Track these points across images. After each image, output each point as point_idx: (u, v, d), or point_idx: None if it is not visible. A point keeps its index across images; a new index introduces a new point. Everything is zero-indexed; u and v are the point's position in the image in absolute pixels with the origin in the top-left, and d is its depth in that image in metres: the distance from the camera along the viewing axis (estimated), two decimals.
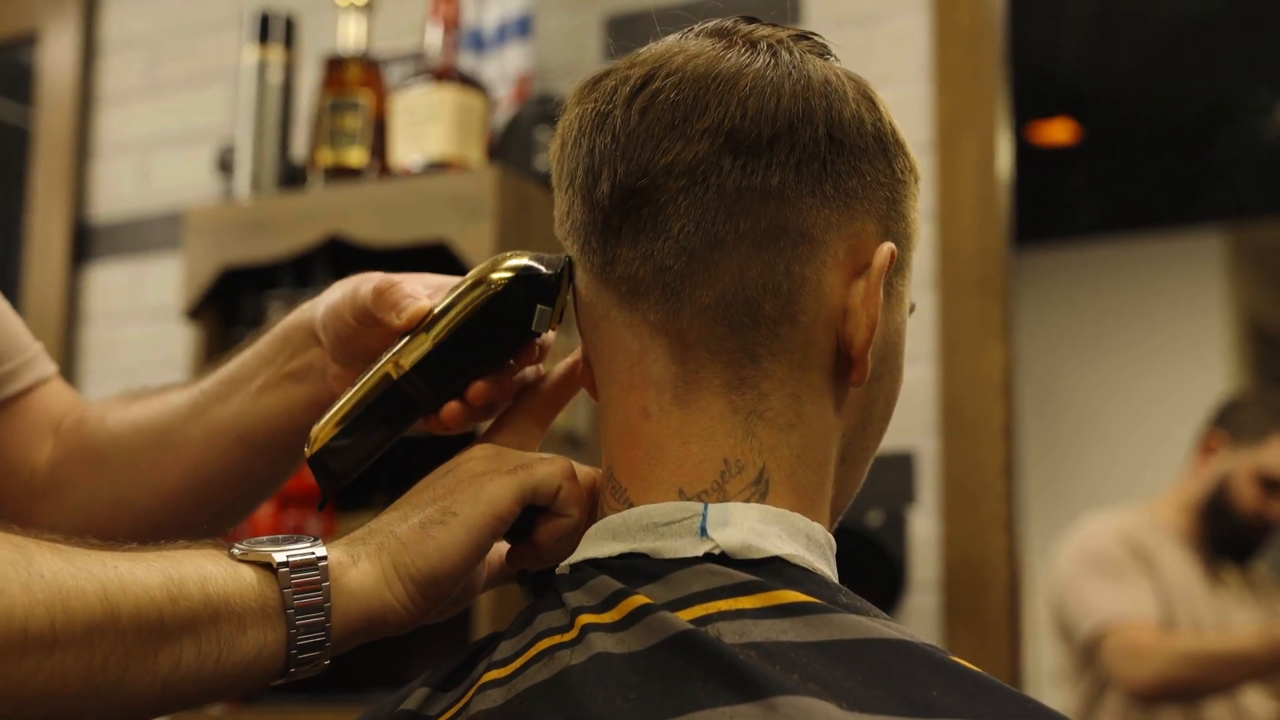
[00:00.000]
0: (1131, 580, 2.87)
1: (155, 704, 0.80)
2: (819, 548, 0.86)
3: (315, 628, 0.83)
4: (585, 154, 0.88)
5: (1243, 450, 3.00)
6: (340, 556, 0.86)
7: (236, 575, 0.82)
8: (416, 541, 0.87)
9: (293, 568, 0.83)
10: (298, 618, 0.83)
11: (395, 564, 0.87)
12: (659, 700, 0.75)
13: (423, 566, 0.87)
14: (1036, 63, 4.44)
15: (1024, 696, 0.76)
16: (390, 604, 0.86)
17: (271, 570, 0.83)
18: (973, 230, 2.41)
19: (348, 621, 0.85)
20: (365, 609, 0.85)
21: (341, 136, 2.48)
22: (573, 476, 0.91)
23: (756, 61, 0.87)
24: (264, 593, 0.82)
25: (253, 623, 0.82)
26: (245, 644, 0.81)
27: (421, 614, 0.88)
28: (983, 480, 2.34)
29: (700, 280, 0.85)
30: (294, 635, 0.83)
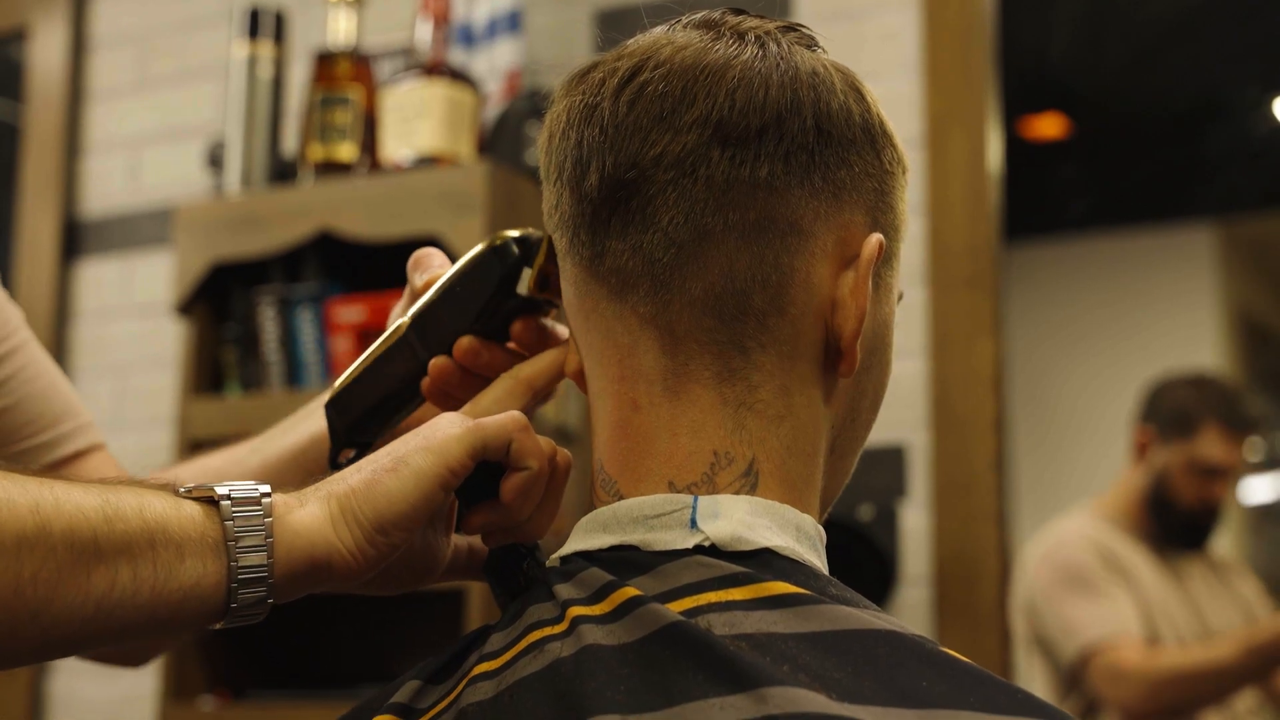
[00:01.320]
0: (1110, 594, 2.84)
1: (90, 627, 0.79)
2: (809, 539, 0.86)
3: (257, 563, 0.82)
4: (573, 146, 0.88)
5: (1174, 444, 2.98)
6: (286, 499, 0.86)
7: (178, 506, 0.82)
8: (365, 488, 0.87)
9: (235, 502, 0.83)
10: (239, 550, 0.82)
11: (343, 509, 0.86)
12: (650, 692, 0.75)
13: (370, 512, 0.86)
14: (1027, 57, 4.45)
15: (1013, 686, 0.76)
16: (336, 547, 0.85)
17: (214, 504, 0.83)
18: (963, 225, 2.41)
19: (291, 560, 0.84)
20: (309, 549, 0.85)
21: (332, 132, 2.48)
22: (525, 428, 0.91)
23: (744, 53, 0.87)
24: (205, 524, 0.82)
25: (191, 552, 0.81)
26: (183, 572, 0.80)
27: (369, 563, 0.87)
28: (973, 474, 2.34)
29: (689, 272, 0.85)
30: (234, 569, 0.82)
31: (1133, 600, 2.85)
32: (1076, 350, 5.98)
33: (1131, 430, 3.12)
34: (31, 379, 1.30)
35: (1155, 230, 5.90)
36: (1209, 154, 5.35)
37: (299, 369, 2.53)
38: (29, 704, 3.03)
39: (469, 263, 1.02)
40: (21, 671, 3.02)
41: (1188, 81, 4.94)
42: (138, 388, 3.03)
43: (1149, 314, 5.91)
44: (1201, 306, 5.85)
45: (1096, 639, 2.77)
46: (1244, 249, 6.11)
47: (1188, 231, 5.87)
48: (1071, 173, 5.56)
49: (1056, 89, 4.97)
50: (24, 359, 1.31)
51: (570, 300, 0.92)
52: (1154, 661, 2.73)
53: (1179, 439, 2.98)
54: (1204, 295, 5.87)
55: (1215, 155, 5.35)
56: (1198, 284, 5.87)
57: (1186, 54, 4.74)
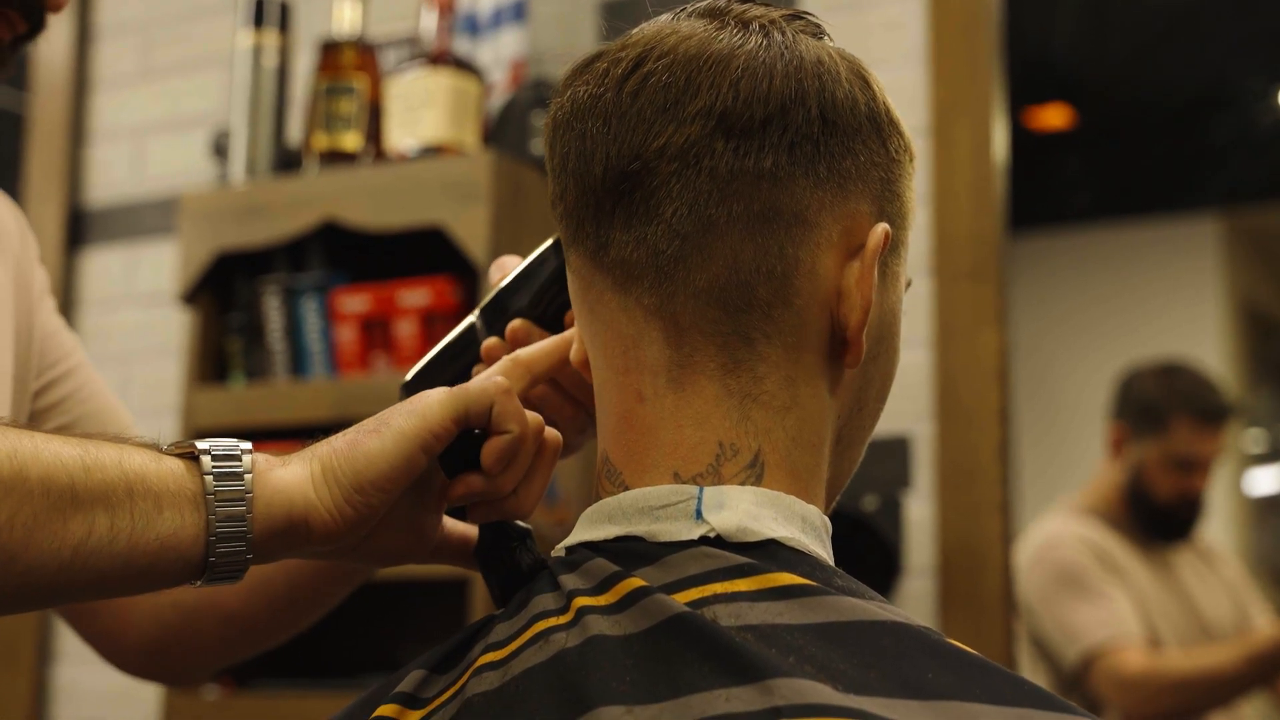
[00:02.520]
0: (1108, 595, 2.83)
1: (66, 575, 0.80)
2: (814, 530, 0.86)
3: (235, 518, 0.84)
4: (577, 137, 0.88)
5: (1147, 439, 2.97)
6: (269, 458, 0.87)
7: (158, 459, 0.83)
8: (347, 448, 0.88)
9: (215, 457, 0.84)
10: (218, 504, 0.83)
11: (324, 469, 0.87)
12: (655, 682, 0.75)
13: (349, 472, 0.87)
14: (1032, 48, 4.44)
15: (1018, 677, 0.76)
16: (315, 505, 0.87)
17: (194, 459, 0.84)
18: (968, 215, 2.41)
19: (270, 517, 0.85)
20: (288, 505, 0.86)
21: (336, 121, 2.48)
22: (507, 392, 0.92)
23: (749, 42, 0.86)
24: (184, 478, 0.83)
25: (170, 504, 0.82)
26: (161, 523, 0.81)
27: (348, 524, 0.88)
28: (978, 464, 2.34)
29: (694, 263, 0.85)
30: (213, 522, 0.83)
31: (1130, 599, 2.85)
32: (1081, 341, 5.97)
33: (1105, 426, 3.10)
34: (87, 399, 1.34)
35: (1160, 221, 5.89)
36: (1214, 145, 5.34)
37: (304, 358, 2.53)
38: (33, 693, 3.04)
39: (535, 255, 1.07)
40: (26, 661, 3.03)
41: (1193, 72, 4.93)
42: (142, 377, 3.03)
43: (1153, 305, 5.91)
44: (1206, 297, 5.85)
45: (1098, 643, 2.77)
46: (1248, 240, 6.10)
47: (1192, 222, 5.86)
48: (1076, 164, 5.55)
49: (1061, 80, 4.97)
50: (80, 379, 1.35)
51: (575, 291, 0.92)
52: (1157, 667, 2.73)
53: (1151, 434, 2.97)
54: (1208, 286, 5.86)
55: (1220, 146, 5.35)
56: (1202, 275, 5.87)
57: (1191, 45, 4.73)
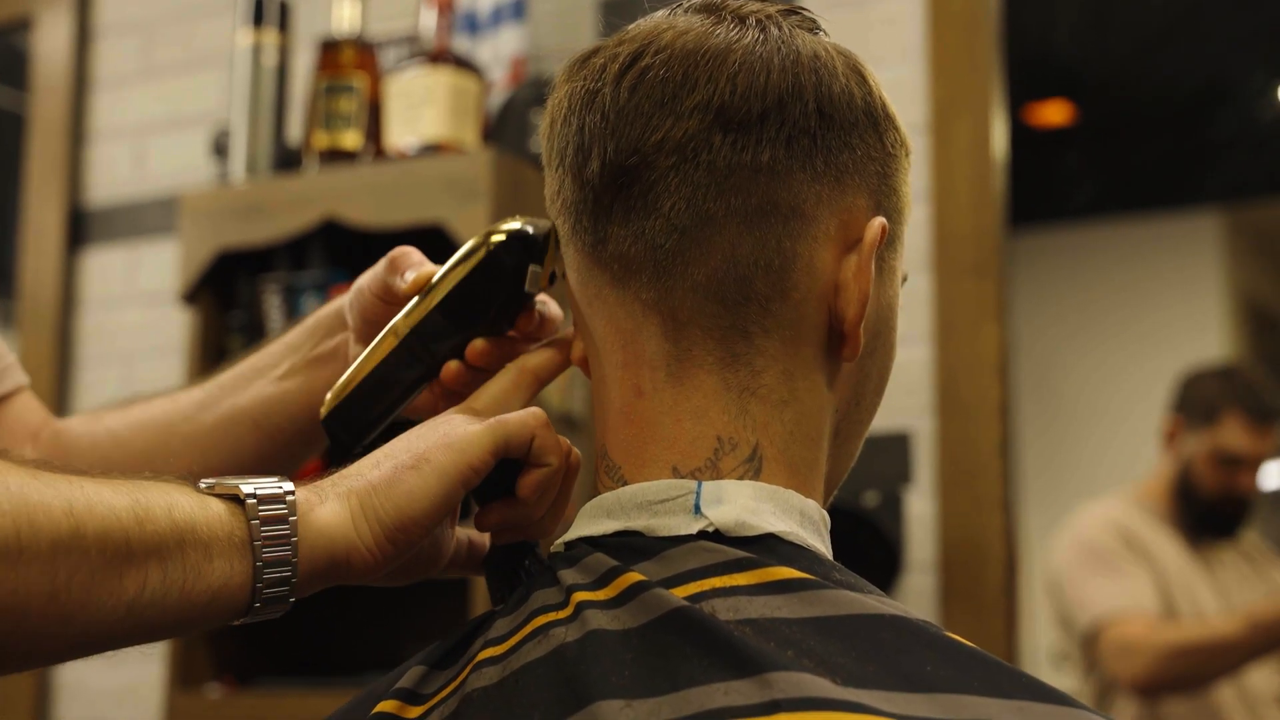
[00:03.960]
0: (1127, 571, 2.86)
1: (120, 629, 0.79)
2: (813, 524, 0.86)
3: (281, 562, 0.82)
4: (575, 132, 0.88)
5: (1198, 432, 3.01)
6: (308, 495, 0.85)
7: (204, 505, 0.81)
8: (386, 485, 0.87)
9: (260, 500, 0.82)
10: (264, 550, 0.82)
11: (364, 506, 0.86)
12: (654, 676, 0.75)
13: (391, 510, 0.86)
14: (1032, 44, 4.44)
15: (1017, 670, 0.76)
16: (355, 545, 0.85)
17: (239, 502, 0.82)
18: (968, 212, 2.41)
19: (313, 558, 0.84)
20: (330, 546, 0.85)
21: (336, 119, 2.48)
22: (546, 425, 0.91)
23: (745, 37, 0.87)
24: (231, 523, 0.81)
25: (219, 552, 0.81)
26: (211, 573, 0.80)
27: (386, 560, 0.87)
28: (979, 460, 2.34)
29: (692, 258, 0.85)
30: (260, 568, 0.82)
31: (1151, 579, 2.87)
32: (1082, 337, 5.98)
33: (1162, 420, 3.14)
34: None
35: (1161, 217, 5.89)
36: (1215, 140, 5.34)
37: None
38: (36, 691, 3.04)
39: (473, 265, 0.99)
40: None
41: (1193, 68, 4.93)
42: (143, 376, 3.04)
43: (1154, 301, 5.91)
44: (1207, 293, 5.85)
45: (1107, 612, 2.80)
46: (1250, 235, 6.10)
47: (1193, 218, 5.86)
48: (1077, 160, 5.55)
49: (1062, 76, 4.97)
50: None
51: (573, 286, 0.92)
52: (1161, 635, 2.75)
53: (1203, 427, 3.01)
54: (1210, 282, 5.86)
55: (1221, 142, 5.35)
56: (1203, 271, 5.87)
57: (1192, 40, 4.73)
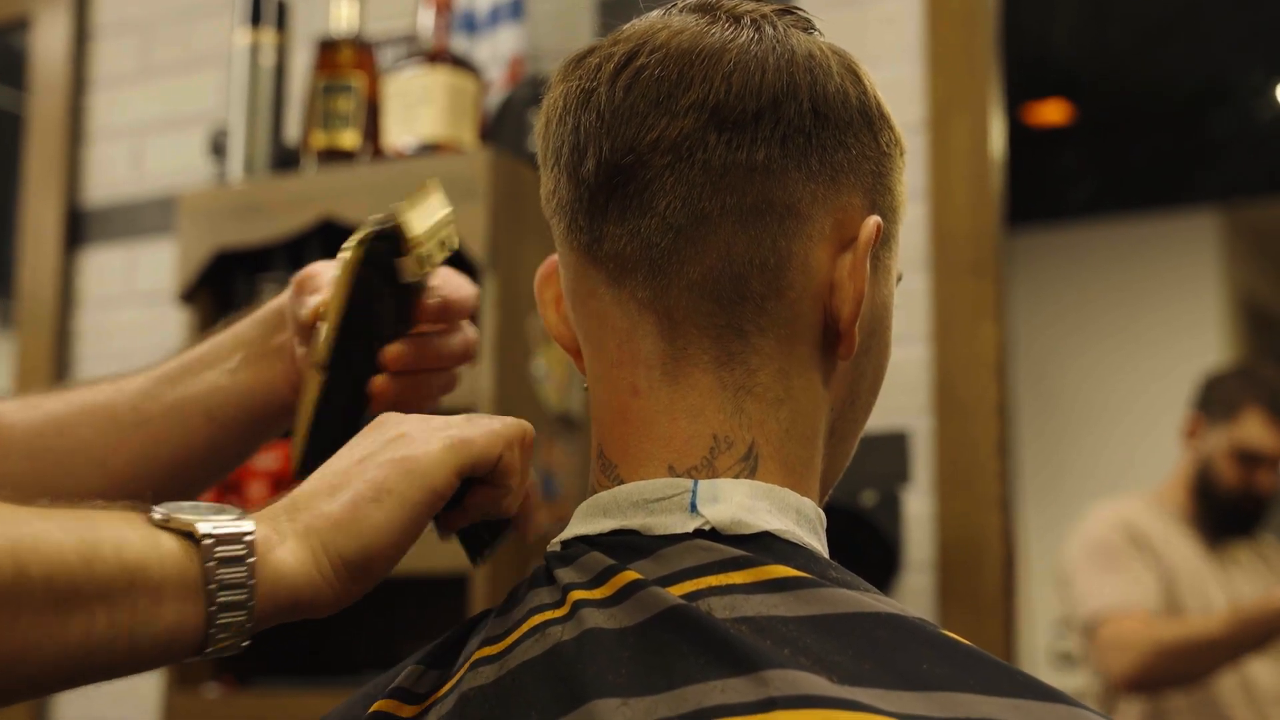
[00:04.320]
0: (1128, 568, 2.87)
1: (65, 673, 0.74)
2: (809, 522, 0.86)
3: (236, 606, 0.78)
4: (570, 132, 0.88)
5: (1218, 428, 3.02)
6: (267, 533, 0.81)
7: (155, 544, 0.76)
8: (349, 521, 0.83)
9: (217, 540, 0.78)
10: (219, 594, 0.77)
11: (325, 545, 0.82)
12: (650, 674, 0.75)
13: (356, 549, 0.83)
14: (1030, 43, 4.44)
15: (1013, 668, 0.77)
16: (319, 587, 0.82)
17: (193, 541, 0.77)
18: (966, 211, 2.41)
19: (275, 602, 0.80)
20: (292, 592, 0.81)
21: (334, 119, 2.48)
22: (513, 444, 0.90)
23: (740, 36, 0.87)
24: (183, 564, 0.77)
25: (171, 595, 0.76)
26: (162, 616, 0.76)
27: (350, 597, 0.84)
28: (977, 459, 2.34)
29: (687, 257, 0.85)
30: (213, 614, 0.77)
31: (1156, 576, 2.88)
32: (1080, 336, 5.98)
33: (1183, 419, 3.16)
34: None
35: (1159, 216, 5.90)
36: (1213, 140, 5.34)
37: None
38: None
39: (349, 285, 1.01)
40: None
41: (1191, 68, 4.94)
42: None
43: (1152, 300, 5.91)
44: (1205, 292, 5.86)
45: (1105, 607, 2.82)
46: (1247, 235, 6.11)
47: (1191, 217, 5.87)
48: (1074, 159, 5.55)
49: (1060, 75, 4.97)
50: None
51: (568, 285, 0.92)
52: (1152, 631, 2.76)
53: (1222, 424, 3.02)
54: (1208, 281, 5.87)
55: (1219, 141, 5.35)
56: (1201, 270, 5.87)
57: (1190, 40, 4.74)
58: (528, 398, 2.34)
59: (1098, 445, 5.87)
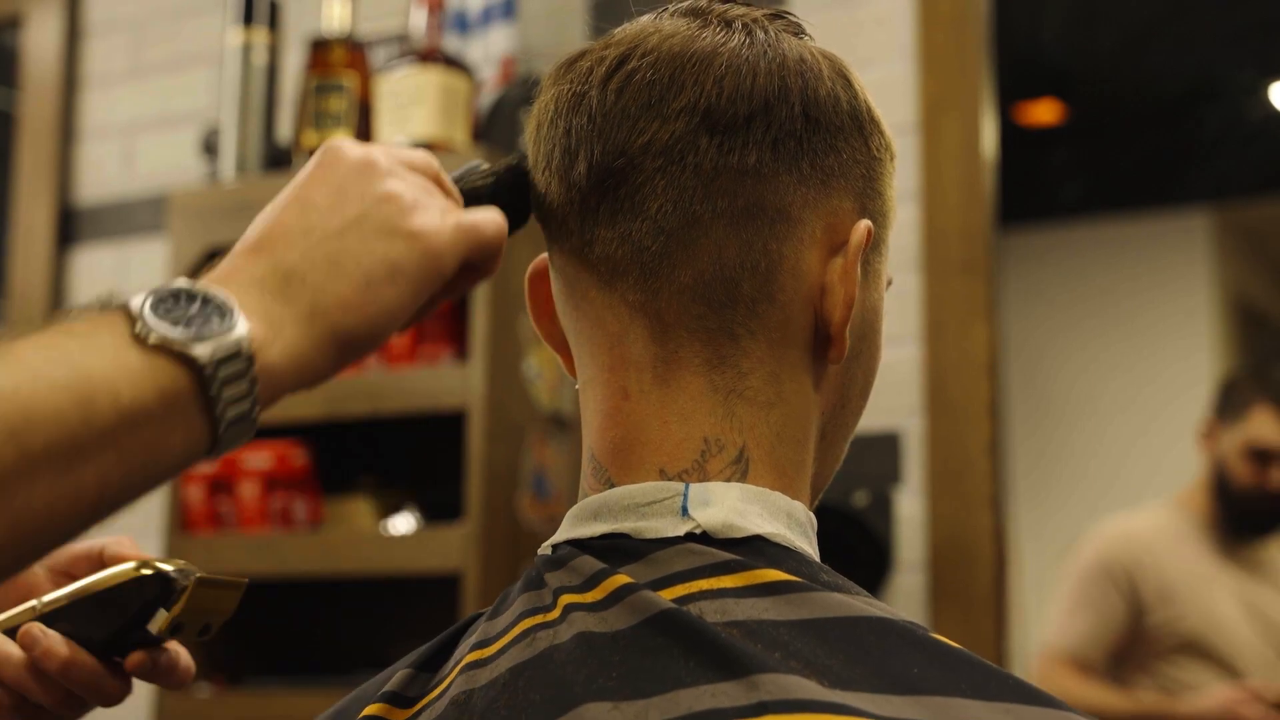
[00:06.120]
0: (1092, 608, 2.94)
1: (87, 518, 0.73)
2: (800, 526, 0.86)
3: (242, 417, 0.75)
4: (561, 135, 0.88)
5: (1230, 428, 3.02)
6: (263, 332, 0.76)
7: (152, 378, 0.73)
8: (360, 304, 0.79)
9: (216, 364, 0.74)
10: (227, 410, 0.75)
11: (333, 329, 0.78)
12: (641, 678, 0.75)
13: (365, 331, 0.79)
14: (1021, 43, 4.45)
15: (1005, 672, 0.77)
16: (309, 370, 0.78)
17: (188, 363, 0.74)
18: (957, 211, 2.41)
19: (273, 396, 0.78)
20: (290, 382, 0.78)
21: (326, 118, 2.48)
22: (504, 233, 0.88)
23: (732, 40, 0.87)
24: (184, 391, 0.73)
25: (178, 424, 0.74)
26: (171, 446, 0.74)
27: (341, 369, 0.81)
28: (968, 460, 2.35)
29: (678, 260, 0.85)
30: (220, 427, 0.75)
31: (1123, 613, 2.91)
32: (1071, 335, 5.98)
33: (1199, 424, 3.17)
34: None
35: (1150, 215, 5.90)
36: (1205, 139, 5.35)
37: None
38: None
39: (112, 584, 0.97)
40: None
41: (1182, 67, 4.94)
42: None
43: (1144, 299, 5.92)
44: (1197, 291, 5.86)
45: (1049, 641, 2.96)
46: (1239, 234, 6.11)
47: (1183, 217, 5.87)
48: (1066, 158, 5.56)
49: (1051, 75, 4.97)
50: None
51: (559, 288, 0.92)
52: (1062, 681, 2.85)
53: (1233, 422, 3.02)
54: (1199, 280, 5.87)
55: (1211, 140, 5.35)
56: (1193, 269, 5.88)
57: (1180, 39, 4.74)
58: (519, 397, 2.34)
59: (1090, 445, 5.87)
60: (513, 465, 2.33)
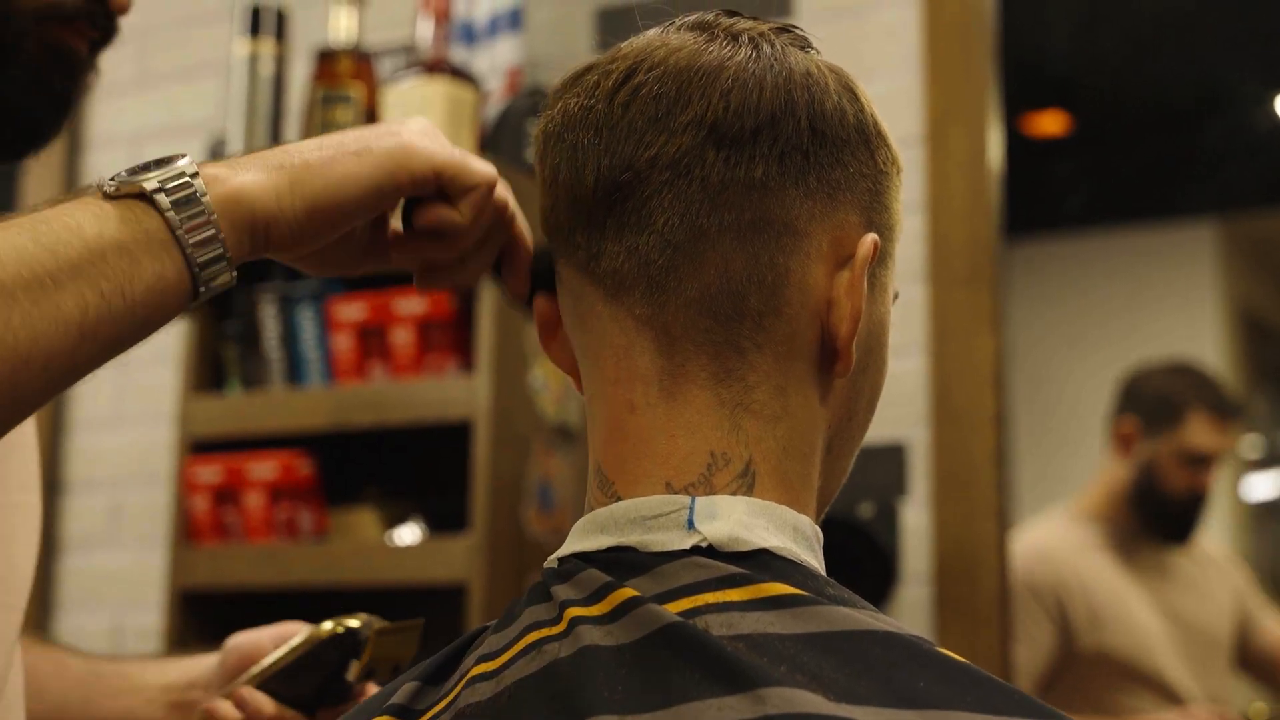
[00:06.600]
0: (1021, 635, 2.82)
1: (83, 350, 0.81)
2: (806, 540, 0.86)
3: (209, 241, 0.85)
4: (568, 149, 0.89)
5: (1161, 434, 2.93)
6: (218, 169, 0.87)
7: (108, 213, 0.83)
8: (322, 165, 0.89)
9: (167, 191, 0.84)
10: (189, 237, 0.84)
11: (293, 181, 0.88)
12: (647, 692, 0.75)
13: (321, 189, 0.89)
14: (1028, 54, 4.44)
15: (1010, 687, 0.77)
16: (275, 215, 0.88)
17: (145, 198, 0.84)
18: (963, 221, 2.41)
19: (238, 226, 0.86)
20: (249, 215, 0.87)
21: (333, 129, 2.46)
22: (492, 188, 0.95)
23: (738, 54, 0.87)
24: (144, 221, 0.83)
25: (143, 252, 0.83)
26: (144, 273, 0.82)
27: (305, 236, 0.90)
28: (974, 471, 2.34)
29: (685, 273, 0.85)
30: (190, 255, 0.84)
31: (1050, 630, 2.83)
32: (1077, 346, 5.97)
33: (1112, 423, 3.08)
34: None
35: (1156, 227, 5.89)
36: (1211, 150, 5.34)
37: (300, 366, 2.53)
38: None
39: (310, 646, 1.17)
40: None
41: (1189, 78, 4.93)
42: (138, 384, 3.03)
43: (1150, 310, 5.91)
44: (1203, 303, 5.85)
45: None
46: (1245, 245, 6.10)
47: (1189, 228, 5.86)
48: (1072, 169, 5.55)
49: (1057, 86, 4.97)
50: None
51: (566, 302, 0.92)
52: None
53: (1166, 428, 2.93)
54: (1205, 292, 5.86)
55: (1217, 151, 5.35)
56: (1199, 280, 5.87)
57: (1187, 50, 4.74)
58: (525, 408, 2.34)
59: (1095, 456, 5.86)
60: (518, 476, 2.33)
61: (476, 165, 0.95)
